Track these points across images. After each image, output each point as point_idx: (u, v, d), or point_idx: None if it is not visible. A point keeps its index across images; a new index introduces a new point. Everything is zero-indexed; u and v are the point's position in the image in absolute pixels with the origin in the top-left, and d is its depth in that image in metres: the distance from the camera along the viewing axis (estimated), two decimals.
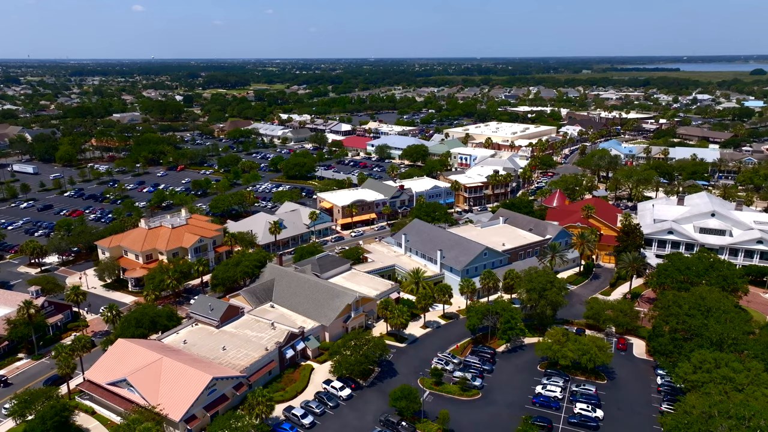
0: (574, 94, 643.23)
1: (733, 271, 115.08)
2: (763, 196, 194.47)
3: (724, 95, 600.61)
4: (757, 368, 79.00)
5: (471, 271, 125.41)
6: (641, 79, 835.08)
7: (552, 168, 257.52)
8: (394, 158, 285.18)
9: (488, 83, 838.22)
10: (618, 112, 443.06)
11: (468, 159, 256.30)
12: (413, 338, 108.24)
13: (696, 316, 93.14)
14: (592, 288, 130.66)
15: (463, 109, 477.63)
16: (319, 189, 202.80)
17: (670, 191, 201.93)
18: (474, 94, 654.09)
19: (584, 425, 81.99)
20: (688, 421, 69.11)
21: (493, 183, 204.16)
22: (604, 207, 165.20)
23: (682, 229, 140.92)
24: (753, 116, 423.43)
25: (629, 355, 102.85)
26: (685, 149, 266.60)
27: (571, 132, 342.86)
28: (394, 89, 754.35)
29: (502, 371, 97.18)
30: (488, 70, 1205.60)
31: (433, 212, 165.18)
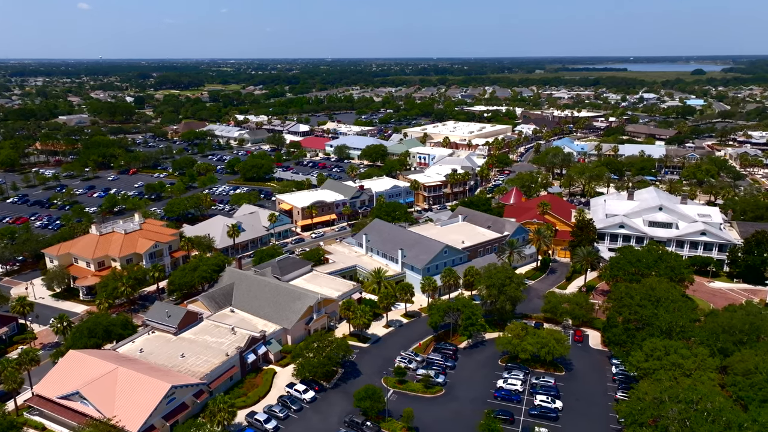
0: (528, 94, 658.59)
1: (680, 262, 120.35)
2: (706, 190, 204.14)
3: (668, 94, 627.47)
4: (703, 354, 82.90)
5: (432, 269, 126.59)
6: (591, 79, 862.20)
7: (508, 166, 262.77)
8: (353, 158, 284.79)
9: (445, 83, 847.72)
10: (570, 111, 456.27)
11: (427, 158, 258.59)
12: (376, 338, 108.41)
13: (647, 306, 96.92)
14: (549, 282, 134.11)
15: (421, 109, 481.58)
16: (278, 191, 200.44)
17: (620, 187, 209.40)
18: (431, 94, 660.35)
19: (544, 416, 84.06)
20: (641, 407, 71.86)
21: (451, 182, 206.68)
22: (559, 203, 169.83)
23: (632, 223, 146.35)
24: (695, 114, 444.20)
25: (585, 346, 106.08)
26: (634, 146, 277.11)
27: (526, 131, 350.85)
28: (351, 89, 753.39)
29: (465, 367, 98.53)
30: (445, 71, 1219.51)
31: (394, 212, 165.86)
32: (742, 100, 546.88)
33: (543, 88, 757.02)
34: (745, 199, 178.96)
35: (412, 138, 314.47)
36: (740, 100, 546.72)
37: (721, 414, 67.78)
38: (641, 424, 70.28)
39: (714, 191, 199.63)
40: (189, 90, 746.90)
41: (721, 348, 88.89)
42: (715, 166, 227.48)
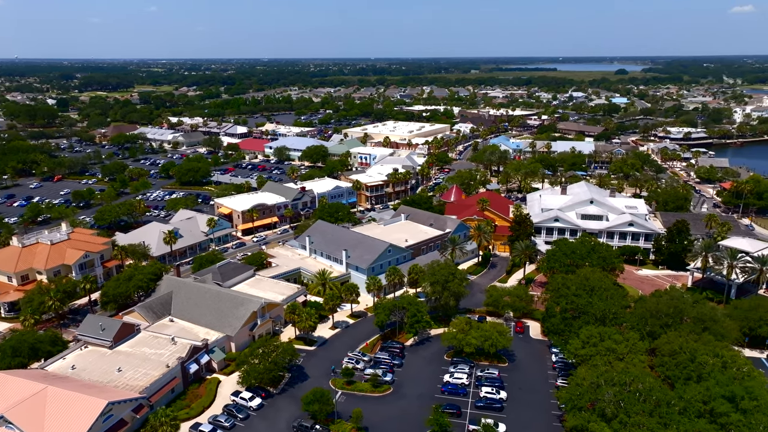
0: (465, 93, 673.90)
1: (611, 252, 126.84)
2: (632, 183, 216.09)
3: (595, 93, 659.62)
4: (633, 338, 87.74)
5: (376, 268, 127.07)
6: (524, 79, 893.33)
7: (448, 164, 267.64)
8: (293, 160, 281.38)
9: (383, 83, 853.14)
10: (505, 110, 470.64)
11: (368, 158, 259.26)
12: (323, 340, 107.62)
13: (582, 295, 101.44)
14: (490, 276, 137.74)
15: (361, 109, 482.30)
16: (217, 194, 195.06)
17: (554, 182, 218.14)
18: (370, 94, 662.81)
19: (490, 407, 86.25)
20: (580, 392, 75.17)
21: (393, 181, 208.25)
22: (497, 199, 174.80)
23: (566, 216, 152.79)
24: (619, 111, 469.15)
25: (527, 337, 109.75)
26: (565, 143, 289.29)
27: (464, 129, 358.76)
28: (290, 90, 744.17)
29: (412, 364, 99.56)
30: (383, 71, 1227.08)
31: (336, 212, 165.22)
32: (660, 98, 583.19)
33: (479, 87, 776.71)
34: (667, 190, 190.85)
35: (352, 138, 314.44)
36: (659, 98, 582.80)
37: (651, 393, 72.01)
38: (580, 409, 73.49)
39: (639, 184, 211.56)
40: (117, 92, 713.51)
41: (649, 331, 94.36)
42: (639, 161, 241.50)
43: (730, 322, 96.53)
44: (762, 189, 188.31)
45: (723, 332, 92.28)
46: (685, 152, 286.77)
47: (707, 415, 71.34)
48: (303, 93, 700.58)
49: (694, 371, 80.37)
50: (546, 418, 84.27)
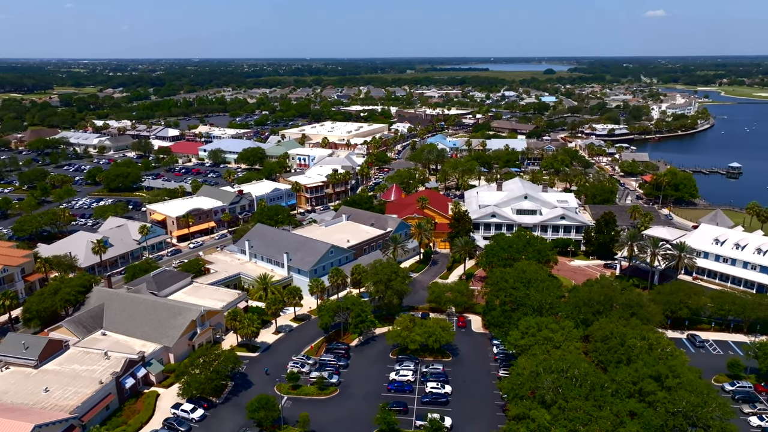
0: (402, 93, 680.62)
1: (545, 245, 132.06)
2: (562, 178, 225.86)
3: (526, 92, 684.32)
4: (569, 326, 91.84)
5: (319, 270, 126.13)
6: (458, 78, 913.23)
7: (387, 164, 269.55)
8: (229, 162, 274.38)
9: (320, 83, 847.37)
10: (441, 109, 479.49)
11: (306, 159, 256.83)
12: (266, 345, 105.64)
13: (520, 288, 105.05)
14: (432, 273, 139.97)
15: (298, 110, 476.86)
16: (148, 200, 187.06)
17: (490, 179, 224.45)
18: (307, 95, 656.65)
19: (436, 402, 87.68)
20: (521, 381, 77.89)
21: (333, 182, 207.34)
22: (436, 197, 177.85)
23: (502, 212, 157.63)
24: (549, 110, 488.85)
25: (469, 331, 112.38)
26: (499, 141, 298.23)
27: (402, 129, 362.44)
28: (223, 91, 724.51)
29: (357, 364, 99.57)
30: (319, 71, 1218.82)
31: (276, 215, 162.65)
32: (586, 97, 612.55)
33: (415, 87, 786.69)
34: (594, 184, 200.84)
35: (290, 139, 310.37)
36: (584, 97, 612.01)
37: (586, 378, 75.65)
38: (522, 397, 76.13)
39: (569, 179, 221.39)
40: (34, 93, 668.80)
41: (583, 319, 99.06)
42: (568, 157, 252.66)
43: (654, 307, 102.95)
44: (678, 181, 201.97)
45: (648, 316, 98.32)
46: (610, 148, 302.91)
47: (637, 395, 75.84)
48: (237, 94, 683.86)
49: (624, 354, 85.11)
50: (490, 409, 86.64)
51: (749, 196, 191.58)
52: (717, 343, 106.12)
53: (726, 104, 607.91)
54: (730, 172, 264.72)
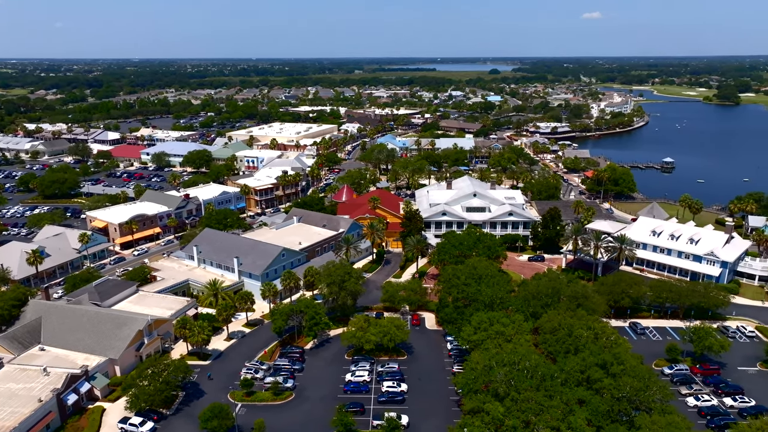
0: (350, 93, 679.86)
1: (495, 241, 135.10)
2: (509, 175, 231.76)
3: (472, 91, 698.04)
4: (519, 320, 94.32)
5: (271, 273, 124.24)
6: (406, 79, 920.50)
7: (337, 164, 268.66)
8: (174, 166, 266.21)
9: (267, 84, 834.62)
10: (390, 109, 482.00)
11: (255, 161, 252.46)
12: (218, 353, 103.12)
13: (471, 284, 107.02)
14: (385, 273, 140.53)
15: (245, 111, 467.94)
16: (89, 207, 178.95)
17: (439, 177, 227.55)
18: (254, 96, 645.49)
19: (392, 401, 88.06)
20: (475, 376, 79.37)
21: (283, 183, 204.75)
22: (388, 197, 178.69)
23: (452, 210, 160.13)
24: (494, 109, 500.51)
25: (423, 328, 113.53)
26: (448, 140, 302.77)
27: (351, 129, 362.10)
28: (166, 92, 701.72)
29: (313, 367, 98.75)
30: (266, 71, 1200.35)
31: (225, 219, 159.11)
32: (529, 96, 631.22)
33: (363, 87, 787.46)
34: (540, 181, 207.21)
35: (237, 141, 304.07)
36: (528, 96, 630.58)
37: (537, 370, 77.93)
38: (476, 391, 77.60)
39: (515, 176, 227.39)
40: None
41: (532, 312, 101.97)
42: (514, 154, 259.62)
43: (598, 297, 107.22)
44: (617, 176, 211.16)
45: (593, 307, 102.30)
46: (553, 145, 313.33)
47: (585, 383, 78.79)
48: (181, 95, 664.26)
49: (571, 345, 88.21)
50: (445, 404, 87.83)
51: (682, 189, 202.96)
52: (656, 330, 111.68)
53: (659, 102, 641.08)
54: (664, 166, 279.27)
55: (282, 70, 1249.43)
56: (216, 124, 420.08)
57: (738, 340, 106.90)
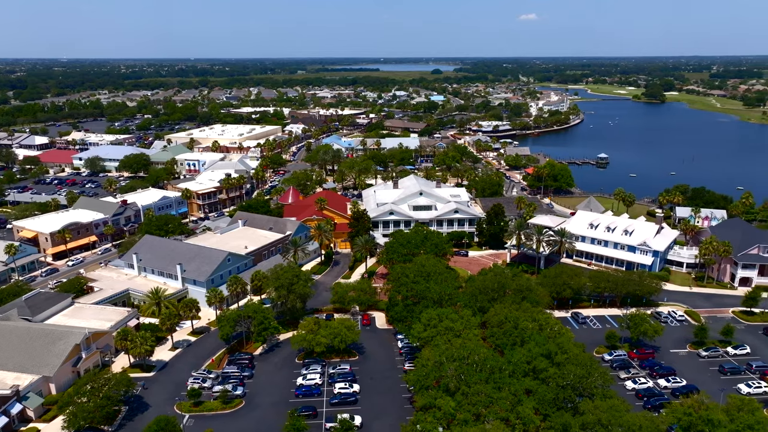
0: (294, 94, 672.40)
1: (442, 239, 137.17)
2: (454, 173, 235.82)
3: (416, 91, 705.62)
4: (467, 314, 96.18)
5: (216, 279, 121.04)
6: (350, 79, 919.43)
7: (283, 166, 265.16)
8: (110, 171, 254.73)
9: (207, 85, 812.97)
10: (334, 110, 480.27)
11: (197, 164, 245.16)
12: (163, 364, 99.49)
13: (420, 282, 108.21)
14: (334, 274, 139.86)
15: (184, 113, 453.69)
16: (15, 216, 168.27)
17: (386, 177, 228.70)
18: (193, 97, 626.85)
19: (345, 402, 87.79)
20: (426, 372, 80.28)
21: (226, 186, 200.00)
22: (335, 198, 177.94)
23: (399, 209, 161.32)
24: (438, 108, 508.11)
25: (373, 328, 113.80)
26: (393, 139, 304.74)
27: (296, 130, 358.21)
28: (98, 94, 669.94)
29: (263, 373, 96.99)
30: (205, 72, 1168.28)
31: (166, 225, 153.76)
32: (471, 95, 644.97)
33: (307, 88, 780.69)
34: (483, 178, 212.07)
35: (177, 144, 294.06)
36: (470, 96, 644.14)
37: (485, 363, 79.74)
38: (427, 388, 78.50)
39: (460, 174, 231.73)
40: None
41: (480, 307, 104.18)
42: (458, 153, 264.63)
43: (541, 290, 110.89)
44: (556, 172, 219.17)
45: (537, 299, 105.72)
46: (495, 143, 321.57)
47: (531, 373, 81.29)
48: (115, 97, 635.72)
49: (518, 337, 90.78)
50: (398, 402, 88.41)
51: (616, 183, 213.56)
52: (596, 318, 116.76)
53: (593, 101, 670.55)
54: (599, 162, 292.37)
55: (222, 71, 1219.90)
56: (154, 127, 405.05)
57: (669, 324, 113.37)
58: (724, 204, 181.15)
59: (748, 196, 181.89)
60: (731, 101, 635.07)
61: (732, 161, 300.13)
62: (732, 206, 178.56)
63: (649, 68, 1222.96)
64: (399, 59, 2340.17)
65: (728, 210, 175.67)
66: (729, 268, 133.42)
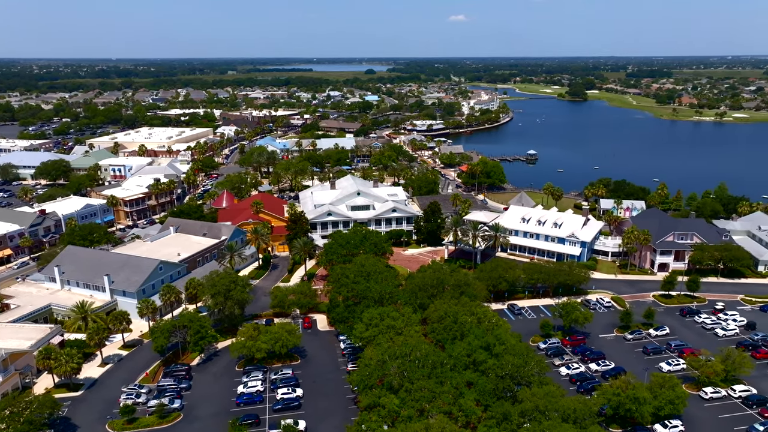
0: (225, 95, 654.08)
1: (381, 238, 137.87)
2: (390, 173, 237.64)
3: (350, 91, 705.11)
4: (408, 312, 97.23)
5: (148, 289, 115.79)
6: (282, 79, 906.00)
7: (215, 169, 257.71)
8: (24, 179, 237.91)
9: (131, 86, 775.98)
10: (268, 111, 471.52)
11: (122, 170, 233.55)
12: (91, 381, 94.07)
13: (360, 282, 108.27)
14: (273, 278, 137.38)
15: (107, 116, 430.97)
16: None
17: (323, 178, 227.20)
18: (117, 99, 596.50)
19: (288, 407, 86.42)
20: (369, 372, 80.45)
21: (155, 192, 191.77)
22: (271, 200, 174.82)
23: (337, 210, 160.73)
24: (373, 108, 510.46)
25: (315, 330, 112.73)
26: (329, 140, 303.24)
27: (228, 132, 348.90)
28: (8, 96, 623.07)
29: (201, 383, 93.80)
30: (129, 72, 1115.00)
31: (91, 234, 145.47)
32: (405, 95, 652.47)
33: (238, 89, 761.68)
34: (419, 177, 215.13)
35: (100, 149, 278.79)
36: (404, 95, 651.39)
37: (427, 358, 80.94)
38: (371, 387, 78.71)
39: (396, 173, 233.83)
40: None
41: (420, 304, 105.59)
42: (394, 152, 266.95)
43: (479, 284, 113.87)
44: (489, 169, 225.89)
45: (475, 293, 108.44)
46: (430, 142, 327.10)
47: (471, 366, 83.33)
48: (28, 99, 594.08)
49: (457, 331, 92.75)
50: (342, 404, 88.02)
51: (545, 178, 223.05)
52: (531, 309, 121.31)
53: (521, 99, 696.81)
54: (529, 158, 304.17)
55: (147, 71, 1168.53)
56: (74, 131, 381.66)
57: (598, 311, 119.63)
58: (643, 195, 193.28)
59: (663, 187, 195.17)
60: (645, 99, 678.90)
61: (648, 155, 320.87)
62: (650, 197, 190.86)
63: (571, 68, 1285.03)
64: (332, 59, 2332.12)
65: (646, 201, 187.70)
66: (649, 255, 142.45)
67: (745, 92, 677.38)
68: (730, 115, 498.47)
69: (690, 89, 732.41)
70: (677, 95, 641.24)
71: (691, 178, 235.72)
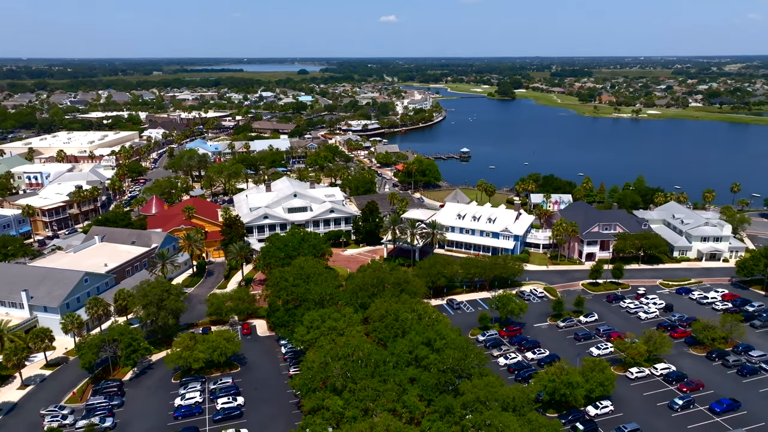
0: (150, 97, 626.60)
1: (319, 239, 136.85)
2: (327, 173, 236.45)
3: (283, 92, 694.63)
4: (349, 312, 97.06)
5: (72, 303, 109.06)
6: (212, 80, 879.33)
7: (143, 174, 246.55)
8: None
9: (45, 88, 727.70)
10: (197, 112, 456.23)
11: (39, 177, 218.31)
12: (10, 406, 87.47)
13: (300, 284, 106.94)
14: (208, 285, 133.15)
15: (18, 120, 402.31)
16: None
17: (258, 180, 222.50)
18: (30, 101, 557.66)
19: (229, 417, 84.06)
20: (311, 375, 79.62)
21: (77, 200, 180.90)
22: (204, 205, 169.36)
23: (274, 212, 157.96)
24: (307, 109, 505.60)
25: (255, 336, 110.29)
26: (263, 141, 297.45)
27: (155, 135, 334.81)
28: None
29: (135, 399, 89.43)
30: (42, 73, 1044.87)
31: (4, 247, 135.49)
32: (339, 95, 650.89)
33: (165, 90, 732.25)
34: (356, 177, 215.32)
35: (13, 155, 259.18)
36: (338, 96, 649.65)
37: (370, 357, 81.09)
38: (314, 390, 77.94)
39: (333, 173, 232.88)
40: None
41: (361, 303, 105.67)
42: (330, 153, 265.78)
43: (418, 281, 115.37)
44: (424, 167, 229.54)
45: (415, 290, 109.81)
46: (366, 142, 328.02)
47: (414, 362, 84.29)
48: None
49: (399, 328, 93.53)
50: (285, 409, 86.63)
51: (478, 175, 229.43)
52: (469, 303, 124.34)
53: (453, 99, 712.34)
54: (462, 156, 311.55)
55: (64, 72, 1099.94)
56: None
57: (532, 301, 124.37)
58: (570, 189, 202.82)
59: (588, 181, 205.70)
60: (569, 97, 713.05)
61: (573, 150, 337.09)
62: (576, 190, 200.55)
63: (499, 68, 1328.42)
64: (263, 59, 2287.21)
65: (573, 194, 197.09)
66: (577, 245, 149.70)
67: (657, 90, 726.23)
68: (645, 112, 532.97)
69: (609, 88, 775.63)
70: (597, 93, 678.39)
71: (613, 171, 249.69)
